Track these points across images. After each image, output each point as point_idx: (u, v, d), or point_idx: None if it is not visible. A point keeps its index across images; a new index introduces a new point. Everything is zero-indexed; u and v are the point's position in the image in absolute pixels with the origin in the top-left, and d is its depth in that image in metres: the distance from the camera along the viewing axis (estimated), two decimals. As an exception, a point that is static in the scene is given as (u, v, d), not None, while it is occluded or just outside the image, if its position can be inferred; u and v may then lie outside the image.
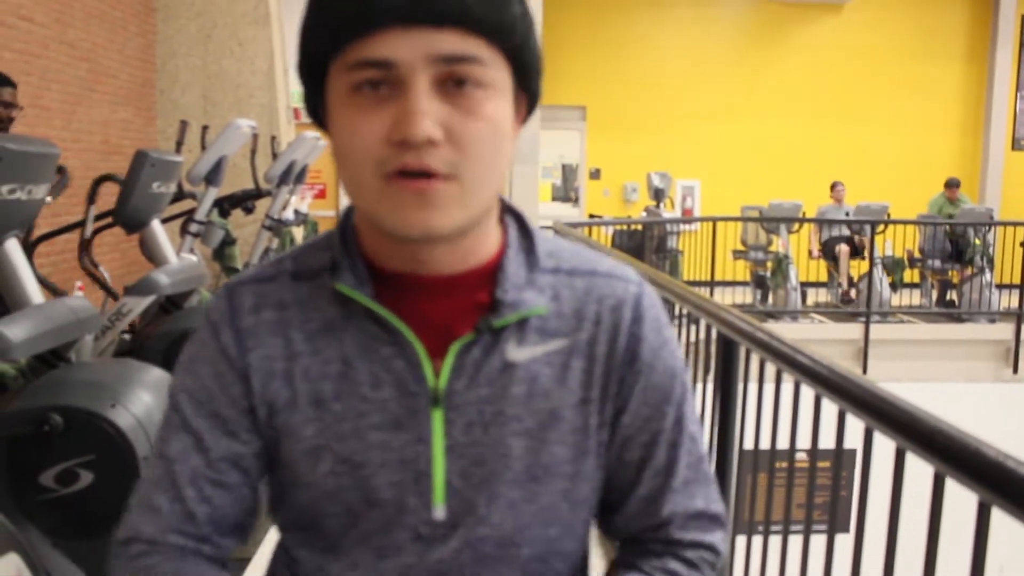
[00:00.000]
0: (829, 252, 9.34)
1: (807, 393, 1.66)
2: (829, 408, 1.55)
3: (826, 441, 1.60)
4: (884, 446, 1.34)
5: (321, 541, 0.83)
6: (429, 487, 0.80)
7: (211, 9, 6.73)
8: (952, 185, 9.93)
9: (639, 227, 8.99)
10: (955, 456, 1.10)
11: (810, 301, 9.30)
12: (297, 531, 0.85)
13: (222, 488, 0.82)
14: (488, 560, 0.82)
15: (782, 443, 1.83)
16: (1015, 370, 8.41)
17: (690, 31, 11.78)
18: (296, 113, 7.60)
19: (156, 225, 3.45)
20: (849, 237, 9.21)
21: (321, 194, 8.71)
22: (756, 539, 2.05)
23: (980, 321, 8.67)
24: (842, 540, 1.55)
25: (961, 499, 1.17)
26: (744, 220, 9.57)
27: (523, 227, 0.86)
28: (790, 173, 11.67)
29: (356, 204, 0.79)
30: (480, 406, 0.80)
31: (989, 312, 8.66)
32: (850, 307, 9.00)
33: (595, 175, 12.08)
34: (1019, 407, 6.93)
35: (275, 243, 5.42)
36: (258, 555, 2.55)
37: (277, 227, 5.27)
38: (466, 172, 0.73)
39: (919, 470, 1.25)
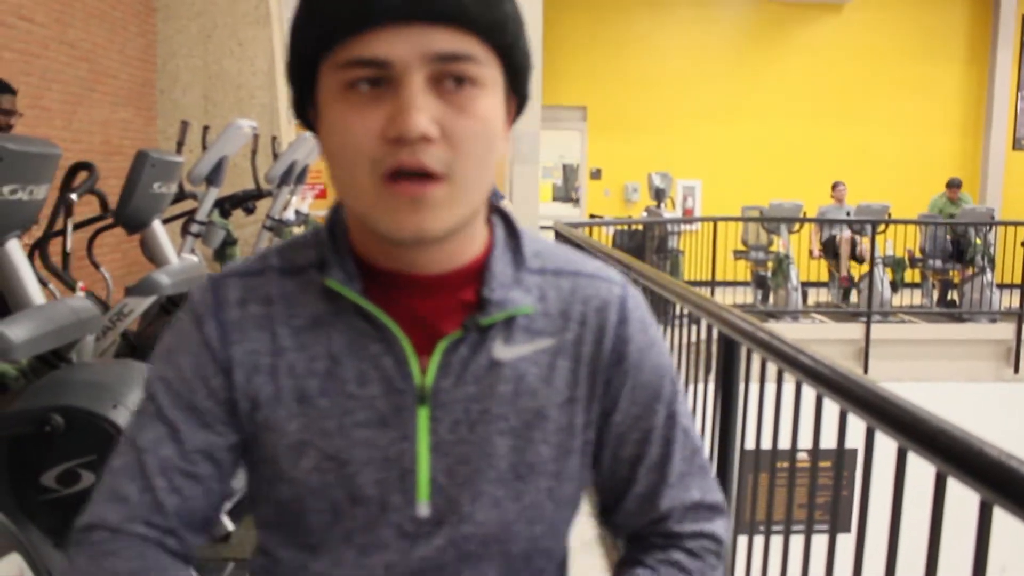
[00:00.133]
0: (830, 252, 9.34)
1: (808, 393, 1.66)
2: (830, 408, 1.55)
3: (827, 441, 1.60)
4: (886, 446, 1.34)
5: (303, 538, 0.83)
6: (413, 484, 0.80)
7: (211, 9, 6.72)
8: (954, 185, 9.94)
9: (640, 227, 8.99)
10: (957, 456, 1.10)
11: (811, 301, 9.31)
12: (278, 529, 0.84)
13: (194, 480, 0.82)
14: (472, 558, 0.82)
15: (783, 443, 1.83)
16: (1016, 370, 8.42)
17: (690, 31, 11.79)
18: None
19: (157, 225, 3.45)
20: (850, 237, 9.21)
21: (322, 194, 8.70)
22: (758, 539, 2.05)
23: (981, 321, 8.68)
24: (844, 540, 1.55)
25: (963, 499, 1.17)
26: (745, 220, 9.58)
27: (510, 227, 0.86)
28: (791, 173, 11.67)
29: (348, 205, 0.79)
30: (466, 404, 0.80)
31: (990, 312, 8.67)
32: (850, 306, 9.00)
33: (596, 175, 12.08)
34: (1020, 407, 6.94)
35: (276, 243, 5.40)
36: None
37: (278, 227, 5.26)
38: (459, 171, 0.73)
39: (921, 470, 1.25)
